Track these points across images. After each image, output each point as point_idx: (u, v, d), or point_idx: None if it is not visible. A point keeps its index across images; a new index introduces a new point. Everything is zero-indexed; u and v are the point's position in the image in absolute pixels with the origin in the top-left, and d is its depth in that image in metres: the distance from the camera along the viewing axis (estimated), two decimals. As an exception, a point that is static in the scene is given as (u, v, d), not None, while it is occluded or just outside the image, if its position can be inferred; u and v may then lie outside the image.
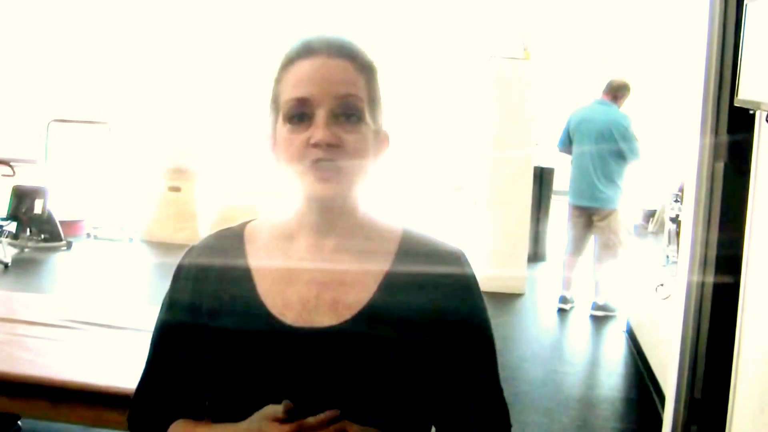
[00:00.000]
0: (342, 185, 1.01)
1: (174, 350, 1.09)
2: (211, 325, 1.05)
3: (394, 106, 1.07)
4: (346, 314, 1.03)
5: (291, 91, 1.00)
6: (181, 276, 1.11)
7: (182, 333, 1.08)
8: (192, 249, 1.13)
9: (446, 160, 7.38)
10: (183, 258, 1.13)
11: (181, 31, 7.28)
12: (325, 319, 1.03)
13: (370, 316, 1.03)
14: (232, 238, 1.12)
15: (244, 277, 1.07)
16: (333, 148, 0.98)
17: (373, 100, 1.04)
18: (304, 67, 1.00)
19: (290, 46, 1.04)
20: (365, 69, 1.03)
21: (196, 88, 7.27)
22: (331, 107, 0.99)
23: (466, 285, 1.09)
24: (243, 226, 1.14)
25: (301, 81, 1.00)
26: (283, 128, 1.01)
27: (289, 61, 1.02)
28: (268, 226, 1.12)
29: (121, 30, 7.40)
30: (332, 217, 1.05)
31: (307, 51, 1.01)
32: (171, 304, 1.11)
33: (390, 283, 1.05)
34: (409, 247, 1.09)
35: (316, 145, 0.97)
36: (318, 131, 0.97)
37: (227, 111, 7.17)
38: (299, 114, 1.00)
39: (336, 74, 1.00)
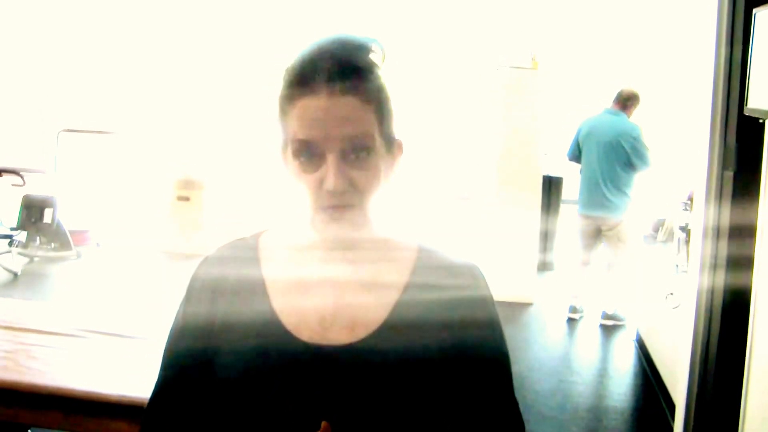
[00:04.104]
0: (355, 221, 0.99)
1: (187, 362, 1.08)
2: (224, 338, 1.04)
3: (401, 115, 1.06)
4: (363, 332, 1.01)
5: (297, 132, 0.96)
6: (195, 287, 1.10)
7: (195, 345, 1.07)
8: (206, 259, 1.12)
9: (454, 169, 7.37)
10: (197, 268, 1.11)
11: (190, 42, 7.31)
12: (342, 337, 1.01)
13: (387, 333, 1.01)
14: (247, 250, 1.10)
15: (259, 291, 1.05)
16: (345, 192, 0.96)
17: (385, 119, 0.99)
18: (307, 107, 0.95)
19: (288, 70, 0.99)
20: (373, 95, 0.97)
21: (206, 99, 7.28)
22: (341, 149, 0.95)
23: (484, 302, 1.08)
24: (256, 237, 1.12)
25: (305, 123, 0.95)
26: (294, 162, 0.98)
27: (290, 98, 0.97)
28: (282, 238, 1.10)
29: (131, 40, 7.43)
30: (347, 236, 1.03)
31: (308, 88, 0.95)
32: (184, 315, 1.09)
33: (407, 301, 1.04)
34: (426, 264, 1.07)
35: (328, 192, 0.95)
36: (330, 179, 0.94)
37: (236, 121, 7.18)
38: (308, 153, 0.97)
39: (343, 114, 0.94)
